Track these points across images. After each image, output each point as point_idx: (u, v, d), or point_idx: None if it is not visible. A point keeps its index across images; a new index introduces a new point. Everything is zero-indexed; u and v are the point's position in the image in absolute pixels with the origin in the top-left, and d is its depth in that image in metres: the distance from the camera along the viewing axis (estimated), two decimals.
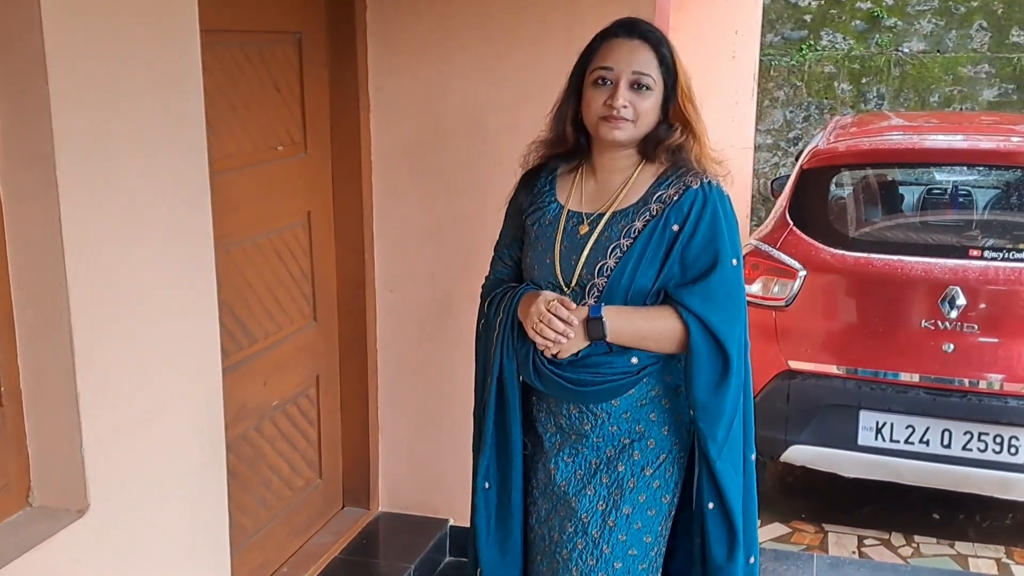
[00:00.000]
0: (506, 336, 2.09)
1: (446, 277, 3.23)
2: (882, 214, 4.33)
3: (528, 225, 2.16)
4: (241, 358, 2.76)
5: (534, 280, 2.11)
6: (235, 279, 2.70)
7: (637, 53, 1.99)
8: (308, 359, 3.10)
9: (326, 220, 3.12)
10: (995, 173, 4.02)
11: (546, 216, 2.12)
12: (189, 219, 2.08)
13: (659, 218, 2.00)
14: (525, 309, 2.04)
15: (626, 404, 2.05)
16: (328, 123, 3.08)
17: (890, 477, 3.78)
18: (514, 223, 2.22)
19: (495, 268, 2.26)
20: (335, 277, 3.19)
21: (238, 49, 2.64)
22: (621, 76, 1.98)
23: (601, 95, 2.00)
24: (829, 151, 4.12)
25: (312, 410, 3.15)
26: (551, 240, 2.08)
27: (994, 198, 4.19)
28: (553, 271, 2.06)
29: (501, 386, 2.11)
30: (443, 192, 3.17)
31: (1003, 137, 4.23)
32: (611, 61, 2.00)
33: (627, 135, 2.01)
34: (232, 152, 2.65)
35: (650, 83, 1.99)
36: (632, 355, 2.01)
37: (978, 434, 3.62)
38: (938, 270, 3.66)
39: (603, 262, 2.01)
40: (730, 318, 1.98)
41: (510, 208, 2.24)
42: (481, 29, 3.02)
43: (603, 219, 2.05)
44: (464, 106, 3.09)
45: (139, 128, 1.90)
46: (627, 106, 1.98)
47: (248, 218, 2.74)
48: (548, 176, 2.17)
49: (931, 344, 3.65)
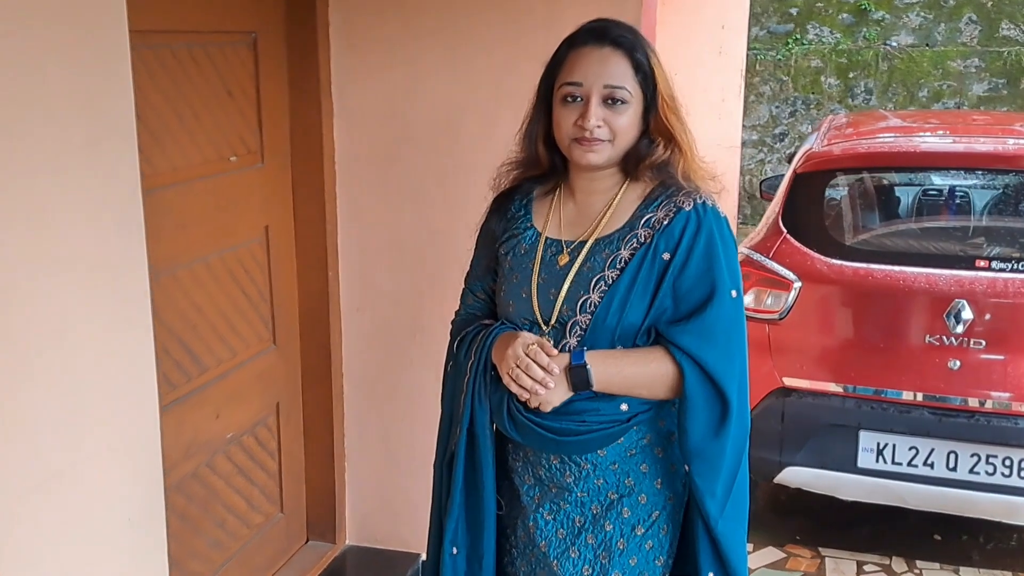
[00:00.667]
0: (478, 381, 1.85)
1: (417, 295, 2.99)
2: (879, 220, 4.12)
3: (502, 255, 1.92)
4: (190, 389, 2.52)
5: (508, 317, 1.88)
6: (182, 304, 2.45)
7: (608, 63, 1.75)
8: (267, 386, 2.86)
9: (286, 235, 2.88)
10: (1000, 177, 3.81)
11: (521, 244, 1.88)
12: (118, 245, 1.83)
13: (648, 245, 1.76)
14: (500, 352, 1.80)
15: (614, 454, 1.82)
16: (287, 130, 2.84)
17: (892, 501, 3.57)
18: (486, 252, 1.98)
19: (465, 302, 2.02)
20: (296, 296, 2.95)
21: (185, 51, 2.40)
22: (592, 91, 1.74)
23: (571, 114, 1.76)
24: (824, 154, 3.90)
25: (272, 440, 2.91)
26: (527, 272, 1.85)
27: (995, 202, 3.98)
28: (530, 307, 1.83)
29: (472, 438, 1.87)
30: (413, 204, 2.93)
31: (1009, 139, 4.02)
32: (579, 75, 1.75)
33: (603, 157, 1.78)
34: (179, 164, 2.40)
35: (625, 96, 1.75)
36: (621, 401, 1.77)
37: (986, 456, 3.41)
38: (943, 282, 3.45)
39: (586, 297, 1.78)
40: (729, 358, 1.74)
41: (481, 235, 2.00)
42: (453, 28, 2.78)
43: (585, 247, 1.81)
44: (435, 111, 2.85)
45: (57, 146, 1.65)
46: (601, 125, 1.74)
47: (198, 236, 2.50)
48: (523, 199, 1.94)
49: (935, 361, 3.44)
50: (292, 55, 2.81)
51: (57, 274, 1.67)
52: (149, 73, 2.25)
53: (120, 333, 1.85)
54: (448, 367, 1.98)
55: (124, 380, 1.87)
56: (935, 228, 4.00)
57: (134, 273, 1.88)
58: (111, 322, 1.82)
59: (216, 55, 2.51)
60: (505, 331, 1.85)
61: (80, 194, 1.71)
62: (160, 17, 2.29)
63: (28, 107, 1.58)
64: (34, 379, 1.64)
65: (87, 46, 1.71)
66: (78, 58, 1.68)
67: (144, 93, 2.20)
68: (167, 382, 2.39)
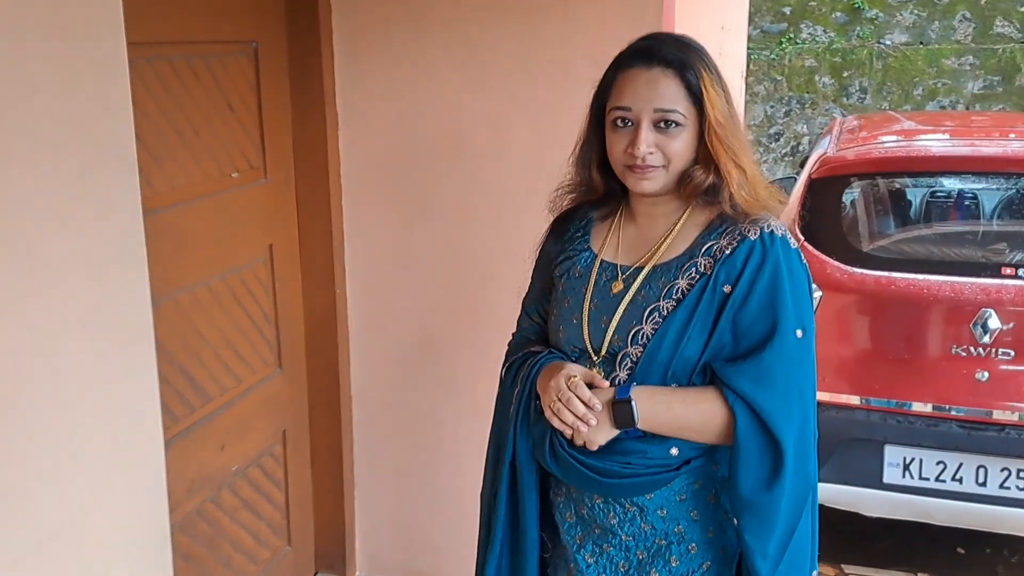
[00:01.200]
0: (522, 412, 1.73)
1: (428, 313, 2.85)
2: (895, 226, 4.00)
3: (556, 277, 1.80)
4: (193, 421, 2.37)
5: (558, 344, 1.75)
6: (185, 331, 2.31)
7: (658, 85, 1.62)
8: (272, 413, 2.71)
9: (290, 253, 2.73)
10: (1020, 180, 3.69)
11: (576, 267, 1.76)
12: (119, 278, 1.68)
13: (708, 276, 1.62)
14: (544, 382, 1.68)
15: (662, 499, 1.67)
16: (290, 144, 2.69)
17: (919, 517, 3.45)
18: (542, 274, 1.86)
19: (521, 325, 1.91)
20: (302, 317, 2.80)
21: (183, 63, 2.25)
22: (642, 116, 1.63)
23: (622, 140, 1.65)
24: (839, 159, 3.78)
25: (278, 470, 2.76)
26: (579, 296, 1.73)
27: (1015, 206, 3.87)
28: (580, 334, 1.70)
29: (515, 472, 1.75)
30: (422, 218, 2.79)
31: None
32: (628, 99, 1.64)
33: (657, 184, 1.65)
34: (179, 183, 2.26)
35: (678, 119, 1.62)
36: (672, 444, 1.63)
37: (1017, 471, 3.29)
38: (968, 290, 3.33)
39: (638, 328, 1.65)
40: (787, 403, 1.59)
41: (539, 258, 1.88)
42: (463, 33, 2.63)
43: (641, 274, 1.68)
44: (444, 120, 2.71)
45: (51, 174, 1.50)
46: (653, 151, 1.62)
47: (200, 258, 2.35)
48: (582, 221, 1.81)
49: (963, 372, 3.32)
50: (294, 65, 2.66)
51: (53, 313, 1.53)
52: (145, 87, 2.10)
53: (122, 374, 1.71)
54: (499, 394, 1.86)
55: (126, 424, 1.73)
56: (954, 233, 3.89)
57: (136, 308, 1.73)
58: (113, 365, 1.67)
59: (215, 66, 2.37)
60: (552, 360, 1.72)
61: (76, 227, 1.57)
62: (155, 28, 2.14)
63: (18, 133, 1.44)
64: (30, 432, 1.49)
65: (82, 64, 1.56)
66: (72, 78, 1.54)
67: (141, 108, 2.05)
68: (169, 415, 2.24)
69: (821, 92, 9.33)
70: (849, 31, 9.48)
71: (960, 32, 9.33)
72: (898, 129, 4.37)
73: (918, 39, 9.41)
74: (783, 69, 9.39)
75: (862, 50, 9.35)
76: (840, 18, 9.50)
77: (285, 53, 2.64)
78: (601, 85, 1.71)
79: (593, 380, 1.64)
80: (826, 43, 9.47)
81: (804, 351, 1.62)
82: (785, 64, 9.39)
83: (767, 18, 9.52)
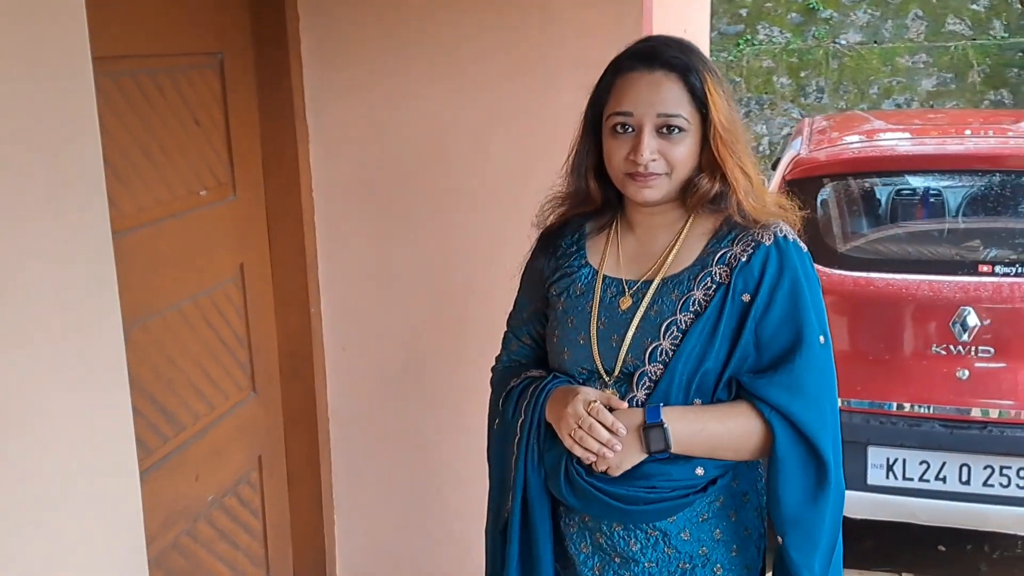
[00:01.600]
0: (531, 444, 1.64)
1: (409, 330, 2.77)
2: (869, 225, 3.98)
3: (553, 296, 1.71)
4: (167, 452, 2.26)
5: (563, 367, 1.67)
6: (156, 358, 2.20)
7: (660, 89, 1.55)
8: (248, 439, 2.61)
9: (262, 272, 2.64)
10: (992, 177, 3.70)
11: (576, 284, 1.68)
12: (90, 307, 1.58)
13: (726, 286, 1.57)
14: (556, 409, 1.60)
15: (684, 520, 1.61)
16: (259, 158, 2.59)
17: (903, 518, 3.44)
18: (533, 293, 1.77)
19: (508, 348, 1.82)
20: (276, 339, 2.70)
21: (147, 77, 2.15)
22: (644, 121, 1.55)
23: (622, 147, 1.57)
24: (812, 160, 3.76)
25: (255, 498, 2.66)
26: (584, 315, 1.65)
27: (987, 202, 3.87)
28: (589, 355, 1.62)
29: (526, 506, 1.66)
30: (400, 232, 2.70)
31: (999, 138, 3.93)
32: (629, 104, 1.57)
33: (661, 192, 1.58)
34: (145, 204, 2.15)
35: (682, 123, 1.55)
36: (697, 464, 1.57)
37: (1000, 468, 3.29)
38: (947, 289, 3.33)
39: (656, 344, 1.58)
40: (821, 412, 1.54)
41: (526, 274, 1.79)
42: (438, 38, 2.56)
43: (651, 288, 1.61)
44: (421, 130, 2.63)
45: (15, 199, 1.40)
46: (656, 158, 1.55)
47: (169, 281, 2.25)
48: (574, 235, 1.73)
49: (943, 371, 3.31)
50: (262, 76, 2.57)
51: (22, 348, 1.43)
52: (109, 104, 2.00)
53: (95, 408, 1.60)
54: (493, 424, 1.77)
55: (100, 460, 1.63)
56: (926, 231, 3.89)
57: (108, 338, 1.63)
58: (86, 399, 1.57)
59: (180, 80, 2.27)
60: (560, 384, 1.64)
61: (44, 255, 1.47)
62: (118, 41, 2.04)
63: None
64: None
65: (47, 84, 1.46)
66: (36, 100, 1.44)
67: (105, 127, 1.94)
68: (142, 447, 2.13)
69: (779, 92, 9.38)
70: (805, 31, 9.54)
71: (913, 30, 9.43)
72: (868, 129, 4.37)
73: (872, 38, 9.49)
74: (741, 70, 9.42)
75: (818, 50, 9.42)
76: (796, 19, 9.56)
77: (252, 64, 2.54)
78: (597, 90, 1.64)
79: (611, 402, 1.56)
80: (783, 44, 9.52)
81: (828, 357, 1.58)
82: (743, 65, 9.42)
83: (724, 20, 9.55)
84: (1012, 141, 4.08)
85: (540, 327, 1.76)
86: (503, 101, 2.53)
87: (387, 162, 2.66)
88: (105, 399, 1.64)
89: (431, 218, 2.67)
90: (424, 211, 2.67)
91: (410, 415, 2.79)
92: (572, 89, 1.68)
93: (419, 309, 2.74)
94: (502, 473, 1.74)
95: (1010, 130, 4.32)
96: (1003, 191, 3.71)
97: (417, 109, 2.61)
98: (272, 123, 2.59)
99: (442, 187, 2.64)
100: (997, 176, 3.70)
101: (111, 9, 1.98)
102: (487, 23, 2.51)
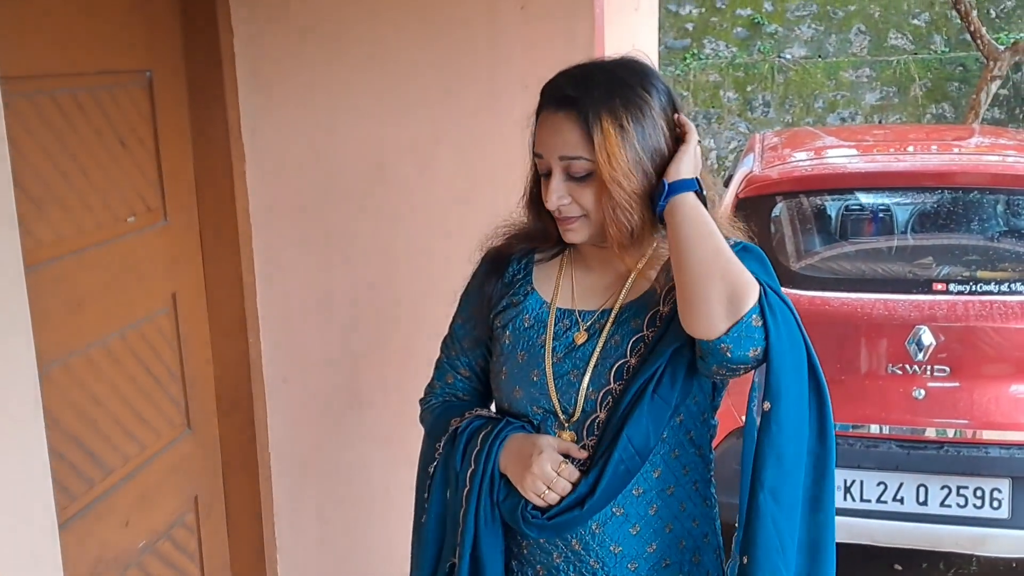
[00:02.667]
0: (483, 497, 1.54)
1: (352, 359, 2.65)
2: (821, 243, 3.96)
3: (498, 328, 1.62)
4: (92, 498, 2.11)
5: (513, 407, 1.57)
6: (79, 398, 2.06)
7: (562, 130, 1.49)
8: (183, 478, 2.46)
9: (196, 302, 2.50)
10: (943, 194, 3.68)
11: (524, 316, 1.59)
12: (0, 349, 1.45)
13: None
14: (517, 465, 1.51)
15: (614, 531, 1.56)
16: (192, 181, 2.45)
17: (861, 539, 3.40)
18: (476, 320, 1.67)
19: (443, 379, 1.72)
20: (212, 372, 2.56)
21: (68, 97, 2.01)
22: (552, 164, 1.51)
23: (545, 187, 1.54)
24: (765, 178, 3.73)
25: (191, 541, 2.51)
26: (536, 350, 1.56)
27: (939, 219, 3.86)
28: (546, 395, 1.53)
29: (476, 563, 1.56)
30: (342, 256, 2.59)
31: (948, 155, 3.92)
32: (539, 145, 1.54)
33: (584, 235, 1.54)
34: (67, 232, 2.01)
35: (585, 167, 1.48)
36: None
37: (957, 488, 3.26)
38: (902, 308, 3.30)
39: (623, 362, 1.50)
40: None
41: (468, 299, 1.69)
42: (381, 55, 2.45)
43: (610, 317, 1.53)
44: (363, 151, 2.52)
45: None
46: (567, 201, 1.51)
47: (94, 315, 2.10)
48: (521, 259, 1.65)
49: (900, 391, 3.28)
50: (193, 95, 2.43)
51: None
52: (25, 127, 1.86)
53: (6, 457, 1.47)
54: (429, 468, 1.66)
55: (14, 513, 1.49)
56: (880, 249, 3.87)
57: (21, 380, 1.49)
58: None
59: (105, 99, 2.13)
60: (514, 432, 1.54)
61: None
62: (33, 59, 1.90)
63: None
64: None
65: None
66: None
67: (21, 151, 1.82)
68: (65, 494, 1.99)
69: (726, 107, 9.41)
70: (750, 46, 9.59)
71: (856, 45, 9.52)
72: (819, 145, 4.35)
73: (816, 52, 9.56)
74: (688, 84, 9.43)
75: (764, 64, 9.47)
76: (741, 33, 9.60)
77: (183, 82, 2.41)
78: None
79: (570, 452, 1.49)
80: (729, 58, 9.55)
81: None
82: (690, 80, 9.44)
83: (671, 34, 9.56)
84: (960, 158, 4.08)
85: (482, 359, 1.66)
86: (448, 118, 2.44)
87: (328, 183, 2.54)
88: (19, 446, 1.50)
89: (374, 242, 2.55)
90: (367, 235, 2.55)
91: (355, 450, 2.67)
92: (521, 106, 1.60)
93: (363, 338, 2.62)
94: (440, 519, 1.64)
95: (956, 146, 4.32)
96: (954, 208, 3.70)
97: (358, 127, 2.50)
98: (205, 144, 2.45)
99: (385, 210, 2.53)
100: (947, 193, 3.69)
101: (24, 25, 1.86)
102: (432, 36, 2.41)
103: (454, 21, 2.40)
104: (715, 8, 9.55)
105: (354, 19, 2.45)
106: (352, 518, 2.71)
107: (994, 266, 3.52)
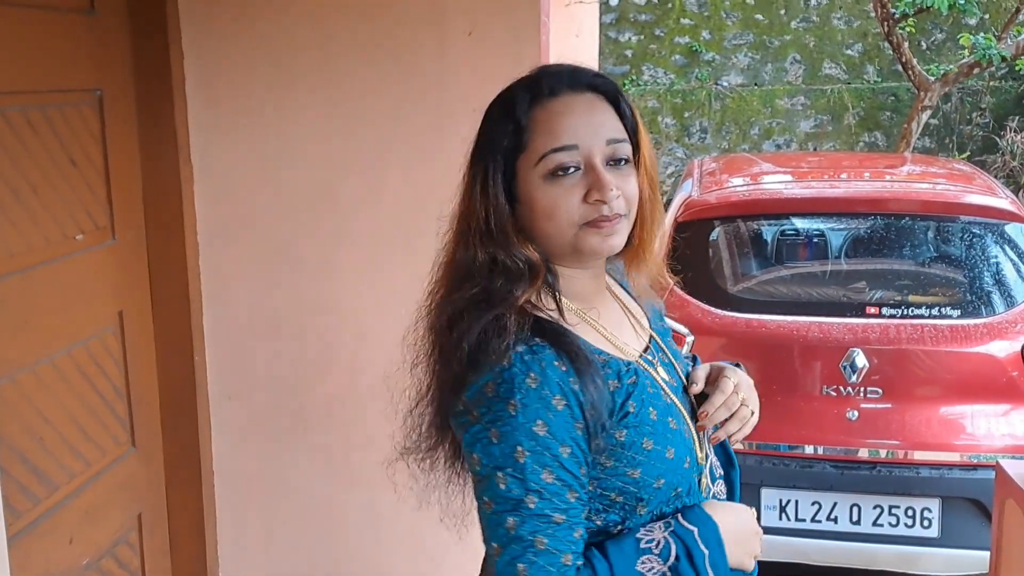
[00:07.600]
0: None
1: (298, 378, 2.65)
2: (758, 267, 4.05)
3: (630, 416, 1.29)
4: (38, 514, 2.10)
5: (671, 484, 1.31)
6: (26, 414, 2.05)
7: (597, 111, 1.28)
8: (127, 496, 2.45)
9: (143, 320, 2.50)
10: (877, 220, 3.80)
11: (643, 384, 1.32)
12: None
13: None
14: (740, 544, 1.34)
15: None
16: (141, 200, 2.46)
17: (796, 558, 3.46)
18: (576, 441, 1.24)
19: (570, 545, 1.21)
20: (157, 390, 2.55)
21: (18, 115, 2.01)
22: (593, 152, 1.27)
23: (572, 191, 1.26)
24: (703, 202, 3.81)
25: (134, 559, 2.50)
26: (672, 410, 1.35)
27: (873, 245, 3.98)
28: (692, 451, 1.37)
29: None
30: (289, 276, 2.60)
31: (881, 181, 4.05)
32: (569, 135, 1.26)
33: (624, 236, 1.31)
34: (16, 250, 2.01)
35: (628, 150, 1.30)
36: None
37: (889, 507, 3.35)
38: (836, 331, 3.39)
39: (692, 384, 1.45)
40: None
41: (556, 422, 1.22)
42: (329, 74, 2.48)
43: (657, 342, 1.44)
44: (311, 170, 2.54)
45: None
46: (619, 195, 1.28)
47: (42, 332, 2.10)
48: (563, 331, 1.29)
49: (834, 412, 3.36)
50: (143, 114, 2.44)
51: None
52: None
53: None
54: None
55: None
56: (815, 273, 3.97)
57: None
58: None
59: (54, 117, 2.13)
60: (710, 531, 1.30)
61: None
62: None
63: None
64: None
65: None
66: None
67: None
68: (10, 510, 1.97)
69: (664, 133, 9.56)
70: (688, 73, 9.77)
71: (792, 74, 9.75)
72: (755, 171, 4.45)
73: (753, 80, 9.78)
74: None
75: (701, 91, 9.65)
76: (679, 60, 9.78)
77: (133, 101, 2.42)
78: (497, 134, 1.30)
79: None
80: (667, 85, 9.72)
81: None
82: None
83: (610, 60, 9.71)
84: (893, 185, 4.21)
85: (585, 478, 1.26)
86: (396, 138, 2.47)
87: (275, 202, 2.56)
88: None
89: (321, 261, 2.57)
90: (314, 254, 2.57)
91: (300, 469, 2.67)
92: (468, 126, 1.50)
93: (309, 357, 2.63)
94: None
95: (888, 174, 4.47)
96: (886, 234, 3.81)
97: (306, 147, 2.52)
98: (154, 163, 2.46)
99: (332, 228, 2.55)
100: (880, 219, 3.80)
101: None
102: (381, 58, 2.45)
103: (403, 44, 2.44)
104: (654, 36, 9.73)
105: (304, 41, 2.48)
106: (296, 535, 2.71)
107: (925, 291, 3.63)
